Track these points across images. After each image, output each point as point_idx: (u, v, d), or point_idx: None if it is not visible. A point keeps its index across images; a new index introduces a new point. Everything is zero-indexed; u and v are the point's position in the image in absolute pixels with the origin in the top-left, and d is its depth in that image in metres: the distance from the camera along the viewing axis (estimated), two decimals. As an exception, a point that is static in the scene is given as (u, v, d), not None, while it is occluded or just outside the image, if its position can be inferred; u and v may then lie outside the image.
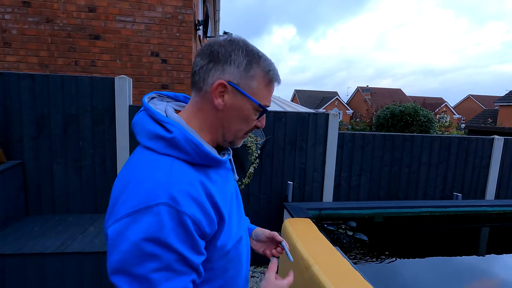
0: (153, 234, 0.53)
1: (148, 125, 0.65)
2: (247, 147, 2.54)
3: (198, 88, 0.68)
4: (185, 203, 0.57)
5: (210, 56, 0.66)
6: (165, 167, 0.60)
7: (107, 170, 2.63)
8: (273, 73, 0.69)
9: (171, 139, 0.61)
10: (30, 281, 1.95)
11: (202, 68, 0.66)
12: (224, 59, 0.65)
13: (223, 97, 0.67)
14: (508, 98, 17.44)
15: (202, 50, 0.68)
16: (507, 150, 3.60)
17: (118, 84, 2.54)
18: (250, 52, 0.67)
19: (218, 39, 0.68)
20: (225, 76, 0.65)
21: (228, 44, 0.66)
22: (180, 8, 3.86)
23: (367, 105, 32.64)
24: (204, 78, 0.66)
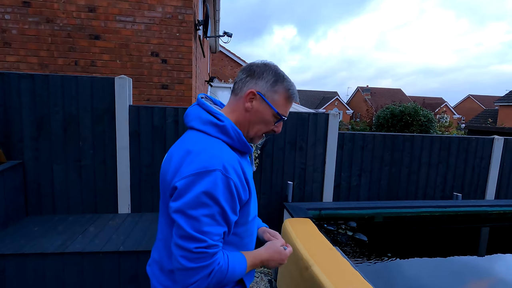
0: (209, 190, 0.75)
1: (203, 114, 0.89)
2: (247, 147, 2.54)
3: (236, 94, 0.93)
4: (232, 172, 0.80)
5: (249, 72, 0.92)
6: (218, 145, 0.83)
7: (107, 170, 2.63)
8: (292, 92, 0.93)
9: (223, 126, 0.85)
10: (30, 281, 1.95)
11: (241, 80, 0.92)
12: (258, 75, 0.91)
13: (252, 102, 0.91)
14: (508, 98, 17.43)
15: (244, 68, 0.94)
16: (507, 150, 3.60)
17: (118, 84, 2.54)
18: (278, 74, 0.92)
19: (257, 62, 0.94)
20: (256, 87, 0.90)
21: (263, 66, 0.92)
22: (180, 8, 3.86)
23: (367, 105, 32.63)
24: (241, 87, 0.92)
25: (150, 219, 2.57)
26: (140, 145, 2.67)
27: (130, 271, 2.05)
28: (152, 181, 2.72)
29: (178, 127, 2.71)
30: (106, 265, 2.01)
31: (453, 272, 2.20)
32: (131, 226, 2.40)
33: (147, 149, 2.68)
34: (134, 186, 2.69)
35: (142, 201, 2.72)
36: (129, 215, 2.62)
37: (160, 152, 2.70)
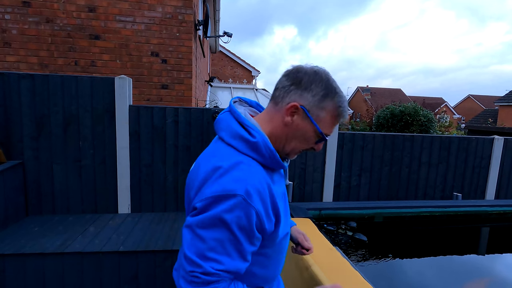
0: (225, 215, 0.67)
1: (234, 126, 0.77)
2: (247, 147, 2.54)
3: (276, 102, 0.79)
4: (256, 199, 0.70)
5: (294, 80, 0.77)
6: (246, 165, 0.72)
7: (107, 170, 2.63)
8: (342, 110, 0.79)
9: (254, 143, 0.74)
10: (30, 281, 1.95)
11: (284, 88, 0.78)
12: (304, 86, 0.76)
13: (293, 116, 0.77)
14: (508, 98, 17.44)
15: (289, 72, 0.79)
16: (507, 150, 3.60)
17: (118, 84, 2.54)
18: (329, 86, 0.77)
19: (306, 67, 0.78)
20: (300, 100, 0.76)
21: (312, 74, 0.76)
22: (180, 8, 3.86)
23: (367, 105, 32.64)
24: (283, 97, 0.78)
25: (150, 219, 2.57)
26: (140, 145, 2.67)
27: (130, 271, 2.05)
28: (152, 181, 2.72)
29: (178, 127, 2.71)
30: (106, 265, 2.01)
31: (453, 272, 2.20)
32: (131, 226, 2.40)
33: (147, 149, 2.68)
34: (134, 186, 2.69)
35: (142, 201, 2.72)
36: (129, 215, 2.62)
37: (160, 152, 2.70)
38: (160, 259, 2.07)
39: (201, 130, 2.75)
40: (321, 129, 0.78)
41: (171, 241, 2.16)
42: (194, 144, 2.75)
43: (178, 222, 2.53)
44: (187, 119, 2.72)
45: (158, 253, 2.06)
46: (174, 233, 2.30)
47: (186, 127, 2.72)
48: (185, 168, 2.76)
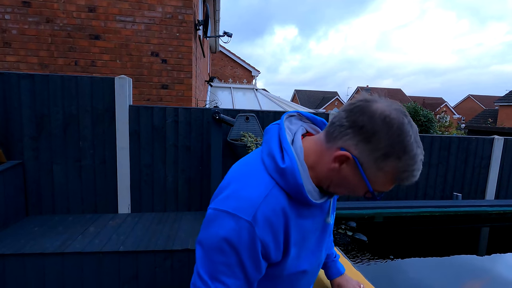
0: (230, 238, 0.63)
1: (273, 143, 0.70)
2: (247, 147, 2.54)
3: (328, 138, 0.67)
4: (263, 228, 0.64)
5: (354, 123, 0.62)
6: (264, 190, 0.66)
7: (107, 170, 2.63)
8: (408, 175, 0.63)
9: (282, 169, 0.66)
10: (30, 281, 1.95)
11: (341, 127, 0.64)
12: (364, 136, 0.61)
13: (341, 164, 0.65)
14: (508, 98, 17.44)
15: (352, 109, 0.64)
16: (507, 150, 3.60)
17: (118, 84, 2.54)
18: (397, 144, 0.60)
19: (375, 109, 0.61)
20: (354, 150, 0.63)
21: (380, 122, 0.60)
22: (180, 8, 3.86)
23: (367, 105, 32.54)
24: (337, 137, 0.65)
25: (150, 219, 2.57)
26: (140, 145, 2.67)
27: (130, 271, 2.05)
28: (152, 181, 2.72)
29: (178, 127, 2.71)
30: (106, 265, 2.01)
31: (453, 272, 2.20)
32: (131, 226, 2.40)
33: (147, 149, 2.68)
34: (134, 186, 2.69)
35: (142, 201, 2.72)
36: (129, 215, 2.62)
37: (160, 152, 2.70)
38: (160, 259, 2.07)
39: (201, 130, 2.75)
40: (373, 187, 0.65)
41: (171, 241, 2.16)
42: (194, 144, 2.75)
43: (178, 222, 2.53)
44: (187, 119, 2.71)
45: (158, 253, 2.06)
46: (174, 233, 2.30)
47: (186, 127, 2.72)
48: (185, 168, 2.76)
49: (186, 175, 2.77)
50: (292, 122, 0.76)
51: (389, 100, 0.65)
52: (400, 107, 0.64)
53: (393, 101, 0.65)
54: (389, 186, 0.66)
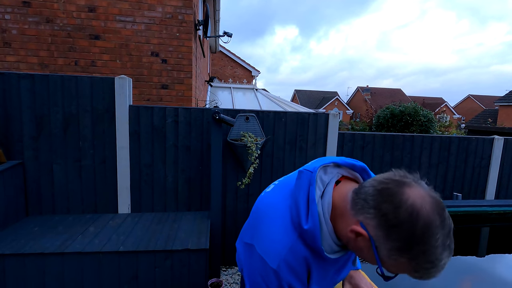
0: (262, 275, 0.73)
1: (301, 197, 0.71)
2: (247, 147, 2.54)
3: (353, 205, 0.66)
4: (288, 273, 0.71)
5: (378, 207, 0.60)
6: (289, 242, 0.70)
7: (107, 170, 2.63)
8: (421, 275, 0.60)
9: (304, 230, 0.69)
10: (30, 281, 1.95)
11: (366, 203, 0.62)
12: (384, 223, 0.59)
13: (357, 237, 0.65)
14: (508, 98, 17.44)
15: (382, 190, 0.61)
16: (507, 150, 3.60)
17: (118, 84, 2.54)
18: (416, 245, 0.56)
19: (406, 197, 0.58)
20: (372, 231, 0.61)
21: (406, 216, 0.56)
22: (180, 8, 3.86)
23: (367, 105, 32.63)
24: (359, 210, 0.64)
25: (150, 219, 2.57)
26: (140, 145, 2.67)
27: (130, 271, 2.05)
28: (152, 181, 2.72)
29: (178, 127, 2.71)
30: (106, 265, 2.01)
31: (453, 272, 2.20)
32: (131, 226, 2.40)
33: (147, 149, 2.68)
34: (134, 186, 2.69)
35: (142, 201, 2.72)
36: (129, 215, 2.62)
37: (160, 152, 2.70)
38: (160, 259, 2.07)
39: (201, 130, 2.75)
40: (385, 268, 0.64)
41: (171, 241, 2.16)
42: (194, 144, 2.75)
43: (178, 222, 2.53)
44: (187, 119, 2.72)
45: (158, 253, 2.06)
46: (174, 233, 2.30)
47: (186, 127, 2.72)
48: (185, 168, 2.76)
49: (186, 175, 2.77)
50: (326, 172, 0.74)
51: (427, 187, 0.61)
52: (437, 198, 0.59)
53: (430, 190, 0.60)
54: (402, 272, 0.64)
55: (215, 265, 2.61)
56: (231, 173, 2.85)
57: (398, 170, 0.66)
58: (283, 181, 0.83)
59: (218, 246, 2.63)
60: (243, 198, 2.90)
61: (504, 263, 2.40)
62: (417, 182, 0.62)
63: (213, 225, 2.60)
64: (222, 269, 2.89)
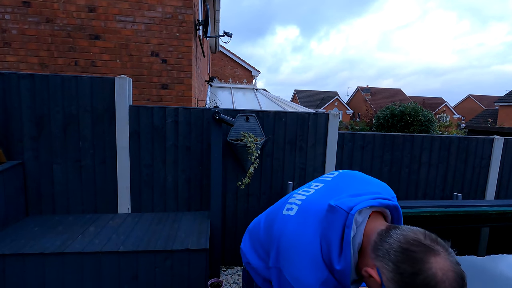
0: None
1: (334, 236, 0.72)
2: (247, 147, 2.54)
3: (374, 248, 0.69)
4: None
5: (398, 265, 0.62)
6: (321, 276, 0.73)
7: (107, 170, 2.63)
8: None
9: (335, 270, 0.71)
10: (30, 281, 1.95)
11: (388, 254, 0.64)
12: (400, 282, 0.61)
13: (369, 277, 0.68)
14: (508, 98, 17.44)
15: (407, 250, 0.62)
16: (507, 150, 3.60)
17: (118, 84, 2.54)
18: None
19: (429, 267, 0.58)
20: (386, 280, 0.64)
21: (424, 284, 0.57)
22: (180, 8, 3.86)
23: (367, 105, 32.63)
24: (379, 256, 0.66)
25: (150, 219, 2.57)
26: (140, 145, 2.67)
27: (130, 271, 2.05)
28: (152, 181, 2.72)
29: (178, 127, 2.71)
30: (106, 265, 2.01)
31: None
32: (131, 226, 2.40)
33: (147, 149, 2.68)
34: (134, 186, 2.69)
35: (142, 201, 2.72)
36: (129, 215, 2.62)
37: (160, 152, 2.70)
38: (160, 259, 2.07)
39: (201, 130, 2.75)
40: None
41: (171, 241, 2.16)
42: (194, 144, 2.75)
43: (178, 222, 2.53)
44: (187, 119, 2.72)
45: (158, 253, 2.06)
46: (174, 233, 2.30)
47: (186, 127, 2.72)
48: (185, 168, 2.76)
49: (186, 175, 2.77)
50: (361, 212, 0.75)
51: (454, 260, 0.59)
52: (461, 273, 0.58)
53: (456, 264, 0.59)
54: None
55: (215, 265, 2.61)
56: (231, 173, 2.85)
57: (430, 233, 0.65)
58: (308, 208, 0.83)
59: (218, 246, 2.63)
60: (243, 198, 2.90)
61: (504, 263, 2.40)
62: (446, 251, 0.61)
63: (213, 225, 2.60)
64: (222, 269, 2.89)
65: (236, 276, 2.79)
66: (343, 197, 0.78)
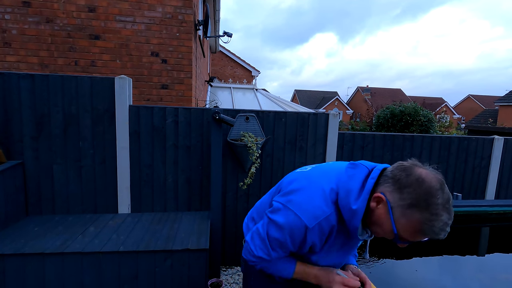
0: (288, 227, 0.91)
1: (355, 184, 0.87)
2: (248, 147, 2.54)
3: (377, 185, 0.86)
4: (315, 234, 0.91)
5: (395, 176, 0.82)
6: (327, 212, 0.88)
7: (107, 170, 2.63)
8: (427, 228, 0.77)
9: (352, 210, 0.85)
10: (30, 281, 1.95)
11: (386, 177, 0.84)
12: (398, 186, 0.80)
13: (377, 204, 0.84)
14: (508, 98, 17.44)
15: (399, 166, 0.83)
16: (507, 150, 3.60)
17: (118, 84, 2.54)
18: (422, 200, 0.76)
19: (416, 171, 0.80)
20: (389, 195, 0.81)
21: (415, 180, 0.78)
22: (180, 8, 3.86)
23: (367, 105, 32.63)
24: (381, 184, 0.84)
25: (150, 219, 2.57)
26: (140, 145, 2.67)
27: (130, 271, 2.05)
28: (152, 181, 2.72)
29: (178, 127, 2.71)
30: (106, 265, 2.01)
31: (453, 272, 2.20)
32: (131, 226, 2.40)
33: (147, 149, 2.68)
34: (134, 186, 2.69)
35: (142, 201, 2.72)
36: (129, 215, 2.62)
37: (160, 152, 2.70)
38: (160, 259, 2.07)
39: (201, 130, 2.75)
40: (399, 231, 0.81)
41: (171, 241, 2.16)
42: (194, 144, 2.75)
43: (178, 222, 2.53)
44: (187, 119, 2.72)
45: (158, 253, 2.06)
46: (174, 233, 2.30)
47: (186, 127, 2.72)
48: (185, 168, 2.76)
49: (186, 175, 2.77)
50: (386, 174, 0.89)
51: (434, 171, 0.81)
52: (440, 176, 0.80)
53: (437, 172, 0.80)
54: (413, 235, 0.80)
55: (215, 265, 2.61)
56: (231, 173, 2.85)
57: (413, 158, 0.86)
58: (323, 166, 1.00)
59: (218, 246, 2.63)
60: (243, 198, 2.90)
61: (504, 263, 2.40)
62: (427, 167, 0.83)
63: (213, 225, 2.60)
64: (222, 269, 2.89)
65: (236, 276, 2.79)
66: (364, 162, 0.95)
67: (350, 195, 0.85)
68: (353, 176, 0.89)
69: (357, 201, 0.84)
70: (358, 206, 0.84)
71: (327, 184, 0.90)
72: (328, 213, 0.87)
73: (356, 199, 0.84)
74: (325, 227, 0.89)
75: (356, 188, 0.86)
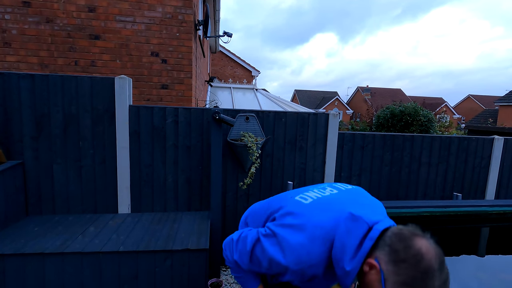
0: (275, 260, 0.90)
1: (351, 243, 0.82)
2: (248, 147, 2.54)
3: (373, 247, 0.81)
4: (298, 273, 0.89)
5: (392, 245, 0.76)
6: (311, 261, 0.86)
7: (107, 170, 2.63)
8: None
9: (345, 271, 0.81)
10: (30, 281, 1.95)
11: (383, 242, 0.78)
12: (394, 258, 0.74)
13: (370, 269, 0.79)
14: (508, 98, 17.44)
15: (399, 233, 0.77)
16: (507, 150, 3.60)
17: (118, 84, 2.54)
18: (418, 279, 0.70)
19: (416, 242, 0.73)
20: (384, 266, 0.75)
21: (413, 255, 0.72)
22: (180, 8, 3.86)
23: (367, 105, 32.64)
24: (377, 248, 0.79)
25: (150, 219, 2.57)
26: (140, 145, 2.67)
27: (130, 271, 2.05)
28: (152, 181, 2.72)
29: (178, 127, 2.71)
30: (106, 265, 2.01)
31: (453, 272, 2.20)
32: (131, 226, 2.40)
33: (147, 149, 2.68)
34: (134, 186, 2.69)
35: (142, 201, 2.72)
36: (129, 215, 2.62)
37: (160, 152, 2.70)
38: (160, 259, 2.07)
39: (201, 130, 2.75)
40: None
41: (171, 241, 2.16)
42: (194, 144, 2.75)
43: (178, 222, 2.53)
44: (187, 119, 2.72)
45: (158, 253, 2.06)
46: (174, 233, 2.30)
47: (186, 127, 2.72)
48: (185, 168, 2.76)
49: (186, 175, 2.77)
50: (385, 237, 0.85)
51: (434, 244, 0.76)
52: (440, 252, 0.75)
53: (436, 247, 0.75)
54: None
55: (215, 265, 2.61)
56: (231, 173, 2.85)
57: (413, 225, 0.81)
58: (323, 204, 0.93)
59: (218, 246, 2.63)
60: (243, 198, 2.90)
61: (504, 263, 2.40)
62: (426, 237, 0.77)
63: (213, 225, 2.60)
64: (222, 269, 2.89)
65: (236, 276, 2.79)
66: (363, 210, 0.88)
67: (345, 252, 0.81)
68: (352, 231, 0.83)
69: (352, 262, 0.80)
70: (352, 268, 0.80)
71: (323, 231, 0.86)
72: (315, 262, 0.85)
73: (351, 259, 0.80)
74: (308, 273, 0.87)
75: (352, 245, 0.81)
